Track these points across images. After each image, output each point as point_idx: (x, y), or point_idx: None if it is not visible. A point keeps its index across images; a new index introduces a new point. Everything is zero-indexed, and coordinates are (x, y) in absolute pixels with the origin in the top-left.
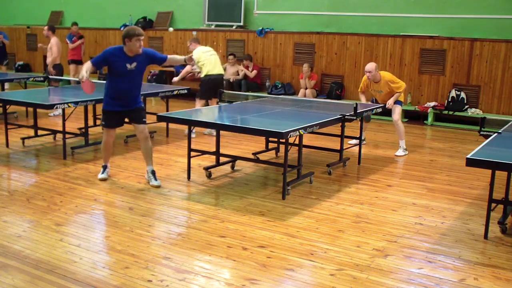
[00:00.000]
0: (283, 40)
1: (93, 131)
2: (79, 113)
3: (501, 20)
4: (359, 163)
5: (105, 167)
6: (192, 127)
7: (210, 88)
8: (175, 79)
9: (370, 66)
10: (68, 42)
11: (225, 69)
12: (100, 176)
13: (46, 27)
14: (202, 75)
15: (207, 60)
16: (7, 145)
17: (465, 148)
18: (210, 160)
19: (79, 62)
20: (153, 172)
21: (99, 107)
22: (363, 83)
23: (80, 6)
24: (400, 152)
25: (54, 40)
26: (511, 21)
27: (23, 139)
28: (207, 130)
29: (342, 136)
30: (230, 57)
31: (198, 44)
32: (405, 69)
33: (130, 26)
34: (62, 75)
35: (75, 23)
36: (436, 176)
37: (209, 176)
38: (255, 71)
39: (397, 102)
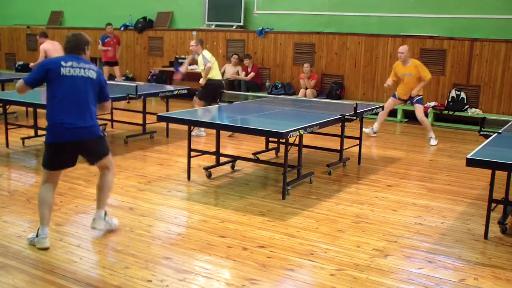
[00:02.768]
0: (283, 40)
1: None
2: None
3: (501, 20)
4: (359, 163)
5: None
6: (192, 127)
7: (214, 92)
8: (182, 69)
9: (404, 47)
10: (100, 43)
11: (224, 69)
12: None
13: (37, 36)
14: (205, 79)
15: (214, 65)
16: (7, 145)
17: (465, 148)
18: (210, 160)
19: (110, 64)
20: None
21: None
22: (393, 70)
23: (80, 6)
24: (433, 141)
25: (43, 46)
26: (511, 21)
27: (23, 139)
28: (195, 131)
29: (342, 136)
30: (235, 56)
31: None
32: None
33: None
34: None
35: (109, 24)
36: (436, 176)
37: (209, 176)
38: (252, 74)
39: (418, 101)
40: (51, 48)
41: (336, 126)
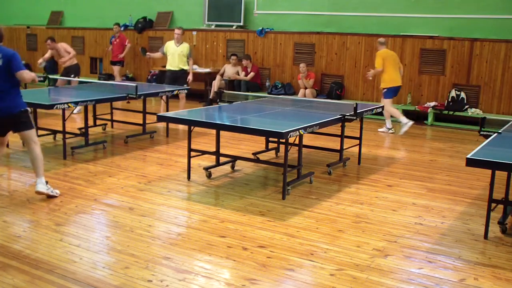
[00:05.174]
0: (283, 40)
1: (93, 131)
2: (79, 113)
3: (501, 20)
4: (359, 163)
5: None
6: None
7: None
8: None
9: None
10: (110, 43)
11: (224, 69)
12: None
13: (48, 41)
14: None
15: None
16: (7, 145)
17: (465, 148)
18: (210, 160)
19: (112, 63)
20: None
21: (100, 107)
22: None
23: (80, 6)
24: (384, 129)
25: (62, 44)
26: (511, 21)
27: None
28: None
29: (342, 136)
30: (233, 57)
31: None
32: (405, 69)
33: None
34: (79, 75)
35: (115, 24)
36: (436, 176)
37: (209, 176)
38: (252, 73)
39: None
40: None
41: (336, 126)
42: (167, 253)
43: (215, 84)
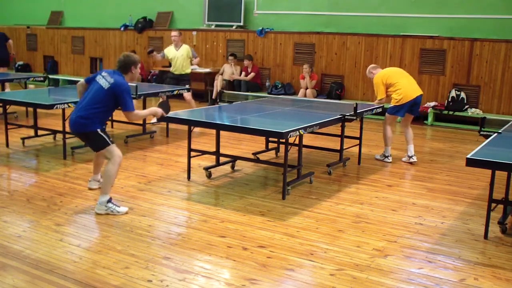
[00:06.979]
0: (283, 40)
1: None
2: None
3: (501, 20)
4: (359, 163)
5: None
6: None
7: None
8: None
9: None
10: None
11: (223, 69)
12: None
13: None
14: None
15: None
16: (7, 145)
17: (465, 148)
18: (210, 160)
19: None
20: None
21: None
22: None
23: (80, 6)
24: (377, 156)
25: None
26: (511, 21)
27: (23, 139)
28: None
29: (342, 136)
30: (231, 57)
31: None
32: (405, 69)
33: (128, 53)
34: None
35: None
36: (436, 176)
37: (209, 176)
38: (252, 74)
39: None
40: None
41: (336, 126)
42: (167, 253)
43: (218, 84)
